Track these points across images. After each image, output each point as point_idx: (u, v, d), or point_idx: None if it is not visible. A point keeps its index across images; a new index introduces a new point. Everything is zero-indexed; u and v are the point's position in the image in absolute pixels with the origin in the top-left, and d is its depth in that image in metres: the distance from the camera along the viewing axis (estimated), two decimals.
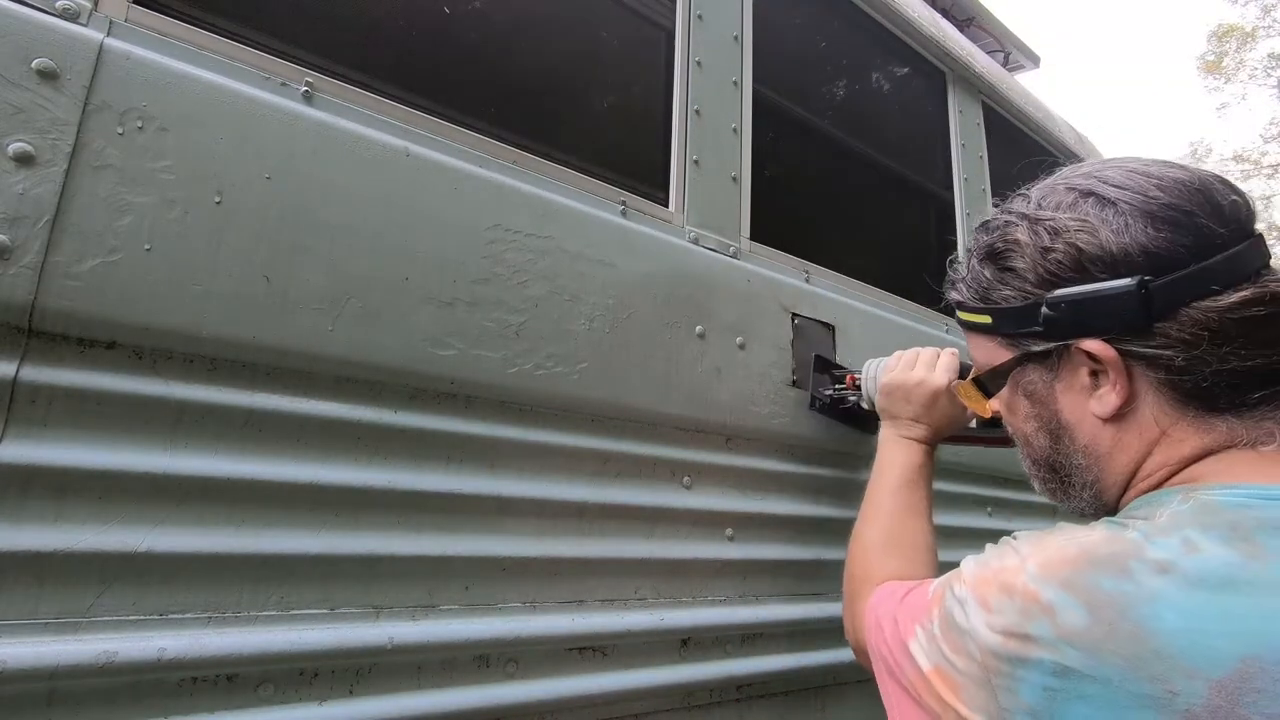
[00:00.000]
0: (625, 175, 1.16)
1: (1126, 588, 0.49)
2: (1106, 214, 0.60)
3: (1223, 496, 0.53)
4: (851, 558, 0.98)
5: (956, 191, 1.85)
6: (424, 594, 0.82)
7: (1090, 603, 0.49)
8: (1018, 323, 0.66)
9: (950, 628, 0.58)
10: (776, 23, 1.49)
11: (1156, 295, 0.57)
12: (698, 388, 1.11)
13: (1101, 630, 0.48)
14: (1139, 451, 0.62)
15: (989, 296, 0.69)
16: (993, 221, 0.71)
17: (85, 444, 0.65)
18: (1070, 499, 0.71)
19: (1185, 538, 0.50)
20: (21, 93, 0.64)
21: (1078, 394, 0.64)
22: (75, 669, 0.61)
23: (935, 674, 0.58)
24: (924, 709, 0.60)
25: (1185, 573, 0.48)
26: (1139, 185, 0.60)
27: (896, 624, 0.67)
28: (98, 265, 0.66)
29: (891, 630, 0.68)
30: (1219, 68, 16.59)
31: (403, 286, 0.84)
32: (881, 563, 0.91)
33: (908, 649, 0.63)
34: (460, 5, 1.07)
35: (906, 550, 0.93)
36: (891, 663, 0.67)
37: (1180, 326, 0.57)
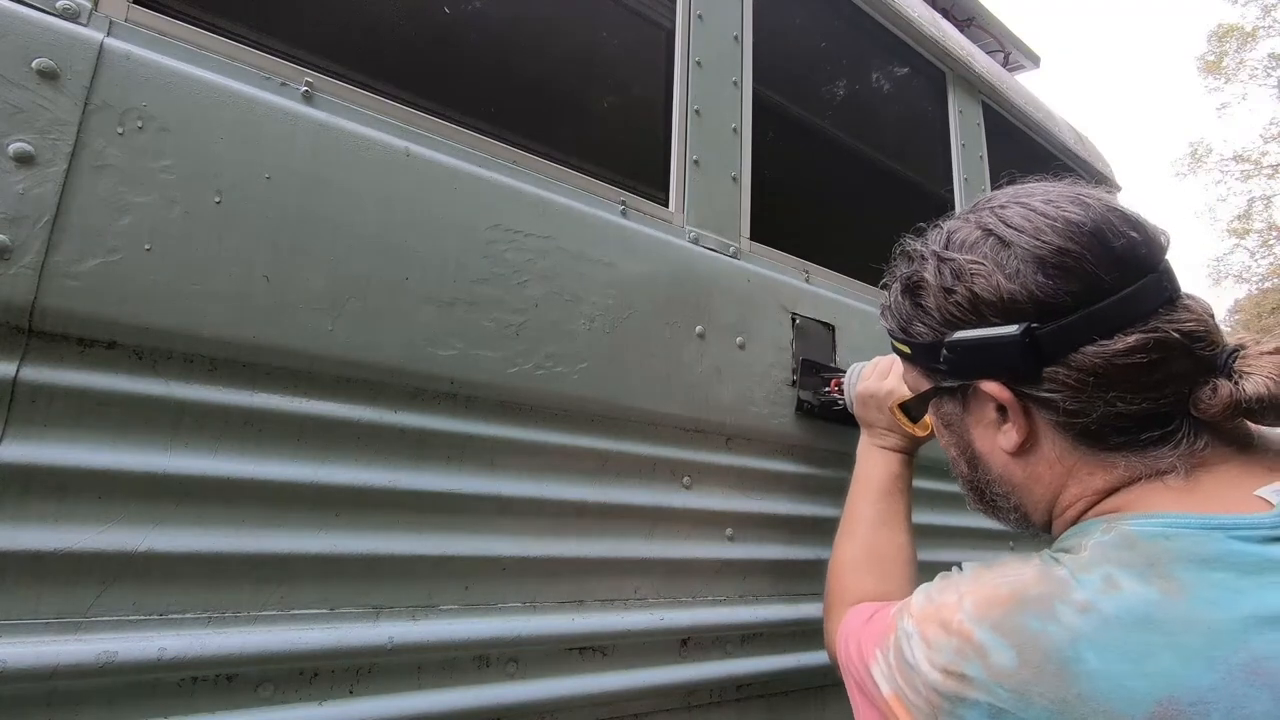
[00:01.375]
0: (625, 175, 1.16)
1: (1051, 629, 0.49)
2: (1002, 257, 0.61)
3: (1140, 527, 0.53)
4: (830, 573, 0.99)
5: (956, 191, 1.85)
6: (424, 594, 0.82)
7: (1019, 645, 0.50)
8: (928, 357, 0.68)
9: (900, 660, 0.59)
10: (776, 23, 1.49)
11: (1043, 342, 0.58)
12: (698, 388, 1.11)
13: (1029, 672, 0.48)
14: (1052, 483, 0.63)
15: (908, 329, 0.70)
16: (912, 251, 0.72)
17: (85, 444, 0.65)
18: (999, 519, 0.73)
19: (1106, 574, 0.50)
20: (21, 93, 0.64)
21: (986, 428, 0.66)
22: (75, 669, 0.61)
23: (894, 699, 0.60)
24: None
25: (1104, 613, 0.48)
26: (1034, 228, 0.60)
27: (860, 647, 0.69)
28: (98, 265, 0.66)
29: (857, 652, 0.70)
30: (1219, 68, 16.60)
31: (403, 286, 0.84)
32: (857, 581, 0.93)
33: (870, 672, 0.65)
34: (460, 5, 1.07)
35: (884, 565, 0.94)
36: (861, 680, 0.69)
37: (1069, 371, 0.57)
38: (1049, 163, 2.31)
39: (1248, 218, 16.96)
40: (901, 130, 1.83)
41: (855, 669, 0.70)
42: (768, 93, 1.43)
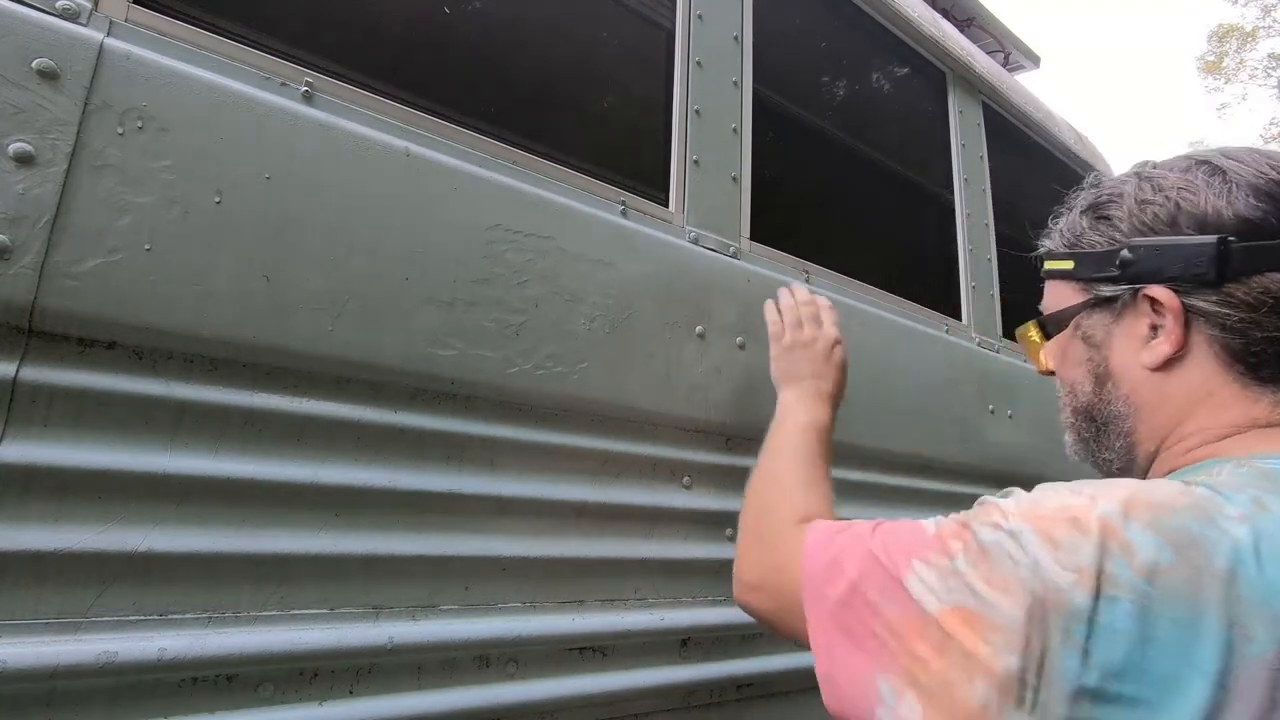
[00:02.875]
0: (625, 175, 1.16)
1: (1211, 533, 0.49)
2: (1214, 180, 0.63)
3: (1275, 465, 0.54)
4: (762, 494, 0.88)
5: (956, 191, 1.85)
6: (424, 594, 0.82)
7: (1176, 544, 0.48)
8: (1096, 267, 0.69)
9: (992, 561, 0.52)
10: (776, 23, 1.49)
11: (1235, 255, 0.60)
12: (698, 388, 1.11)
13: (1186, 572, 0.47)
14: (1182, 408, 0.63)
15: (1078, 242, 0.72)
16: (1104, 178, 0.74)
17: (85, 444, 0.65)
18: (1101, 450, 0.71)
19: (1254, 497, 0.51)
20: (21, 93, 0.64)
21: (1132, 342, 0.67)
22: (75, 669, 0.61)
23: (951, 614, 0.52)
24: (891, 656, 0.54)
25: (1259, 527, 0.49)
26: (1255, 161, 0.63)
27: (877, 560, 0.59)
28: (98, 265, 0.66)
29: (864, 568, 0.60)
30: (1219, 68, 16.59)
31: (403, 286, 0.84)
32: (807, 499, 0.82)
33: (904, 587, 0.56)
34: (460, 5, 1.07)
35: (829, 494, 0.85)
36: (851, 606, 0.60)
37: (1248, 290, 0.59)
38: (1049, 163, 2.31)
39: None
40: (901, 130, 1.83)
41: (840, 592, 0.61)
42: (768, 93, 1.43)
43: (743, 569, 0.83)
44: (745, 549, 0.85)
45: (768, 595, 0.76)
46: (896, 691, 0.53)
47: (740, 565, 0.84)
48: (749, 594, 0.80)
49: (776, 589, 0.74)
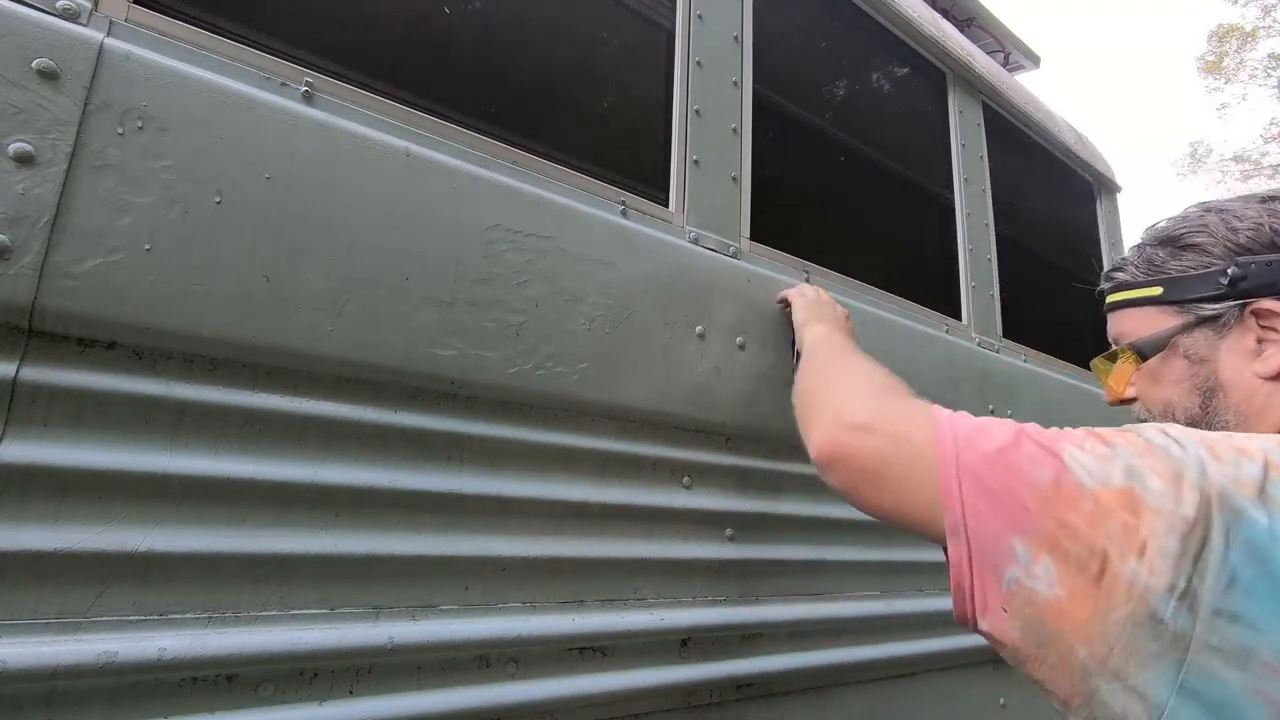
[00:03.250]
0: (625, 175, 1.16)
1: None
2: None
3: None
4: (850, 361, 0.89)
5: (956, 191, 1.85)
6: (424, 594, 0.82)
7: None
8: (1196, 288, 0.73)
9: (1160, 456, 0.55)
10: (776, 23, 1.49)
11: None
12: (698, 388, 1.11)
13: None
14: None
15: (1162, 270, 0.76)
16: (1170, 218, 0.79)
17: (85, 444, 0.65)
18: None
19: None
20: (21, 93, 0.64)
21: (1241, 355, 0.70)
22: (75, 669, 0.61)
23: (1111, 493, 0.54)
24: (1034, 520, 0.55)
25: None
26: None
27: (1027, 434, 0.60)
28: (98, 265, 0.66)
29: (1016, 437, 0.60)
30: (1219, 68, 16.59)
31: (403, 286, 0.84)
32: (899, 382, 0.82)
33: (1060, 458, 0.57)
34: (460, 5, 1.07)
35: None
36: (998, 466, 0.59)
37: None
38: (1049, 163, 2.31)
39: None
40: (902, 130, 1.83)
41: (986, 450, 0.60)
42: (768, 93, 1.43)
43: (847, 410, 0.74)
44: (849, 394, 0.78)
45: (880, 438, 0.69)
46: (1032, 554, 0.55)
47: (844, 409, 0.75)
48: (852, 435, 0.72)
49: (895, 434, 0.69)
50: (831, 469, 0.73)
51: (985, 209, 1.90)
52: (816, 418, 0.78)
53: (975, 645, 1.49)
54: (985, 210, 1.90)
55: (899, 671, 1.34)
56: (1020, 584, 0.55)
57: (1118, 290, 0.81)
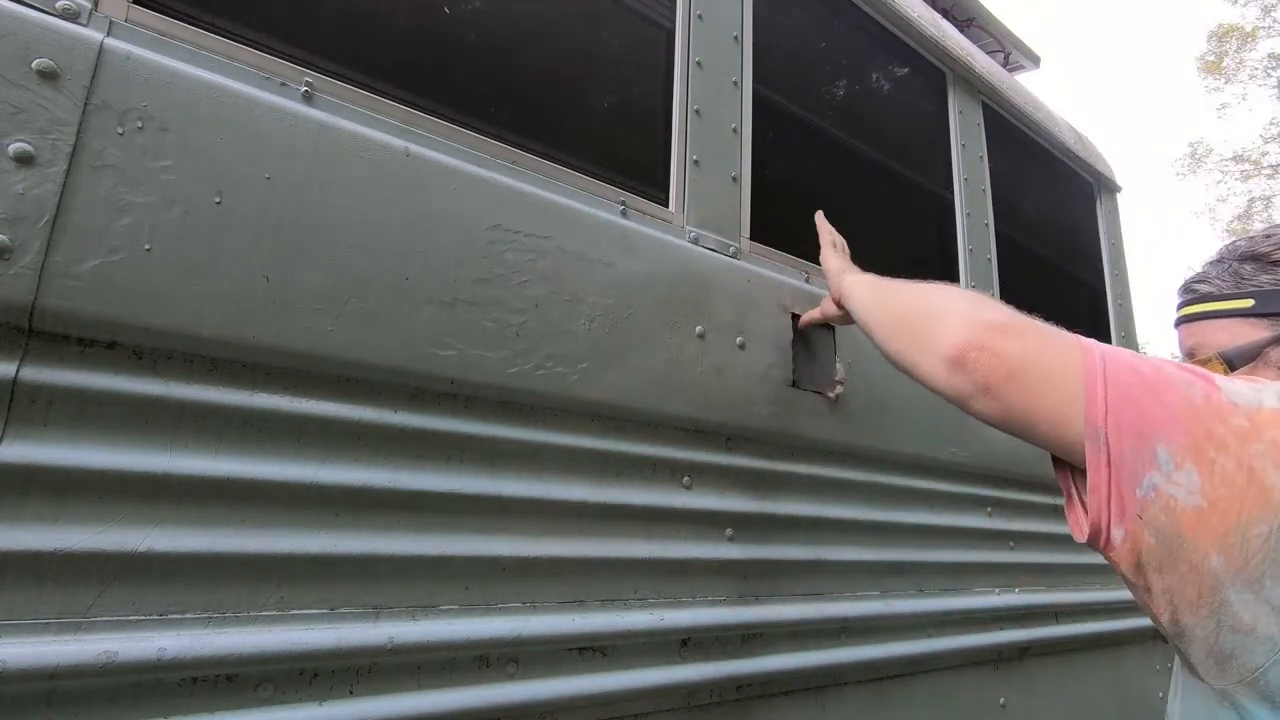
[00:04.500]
0: (625, 175, 1.16)
1: None
2: None
3: None
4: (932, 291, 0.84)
5: (956, 191, 1.85)
6: (424, 594, 0.82)
7: None
8: None
9: None
10: (776, 23, 1.49)
11: None
12: (698, 388, 1.11)
13: None
14: None
15: (1252, 282, 0.78)
16: (1249, 237, 0.82)
17: (85, 444, 0.65)
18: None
19: None
20: (21, 93, 0.64)
21: None
22: (75, 669, 0.61)
23: (1263, 414, 0.57)
24: (1180, 427, 0.57)
25: None
26: None
27: (1175, 362, 0.64)
28: (98, 265, 0.66)
29: (1165, 361, 0.64)
30: (1219, 68, 16.59)
31: (403, 286, 0.84)
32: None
33: (1212, 381, 0.60)
34: (460, 5, 1.07)
35: None
36: (1146, 377, 0.61)
37: None
38: (1049, 162, 2.31)
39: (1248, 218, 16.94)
40: (902, 130, 1.83)
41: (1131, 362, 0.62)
42: (768, 93, 1.43)
43: (988, 314, 0.72)
44: (973, 302, 0.76)
45: (1023, 339, 0.68)
46: (1175, 459, 0.56)
47: (981, 312, 0.73)
48: (994, 332, 0.69)
49: (1040, 337, 0.68)
50: (970, 365, 0.69)
51: (985, 209, 1.90)
52: (948, 322, 0.73)
53: (975, 645, 1.49)
54: (985, 210, 1.90)
55: (899, 671, 1.34)
56: (1159, 490, 0.56)
57: (1200, 301, 0.81)
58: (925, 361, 0.76)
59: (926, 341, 0.76)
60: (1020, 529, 1.69)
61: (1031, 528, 1.74)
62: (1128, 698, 1.96)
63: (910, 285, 0.90)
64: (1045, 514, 1.80)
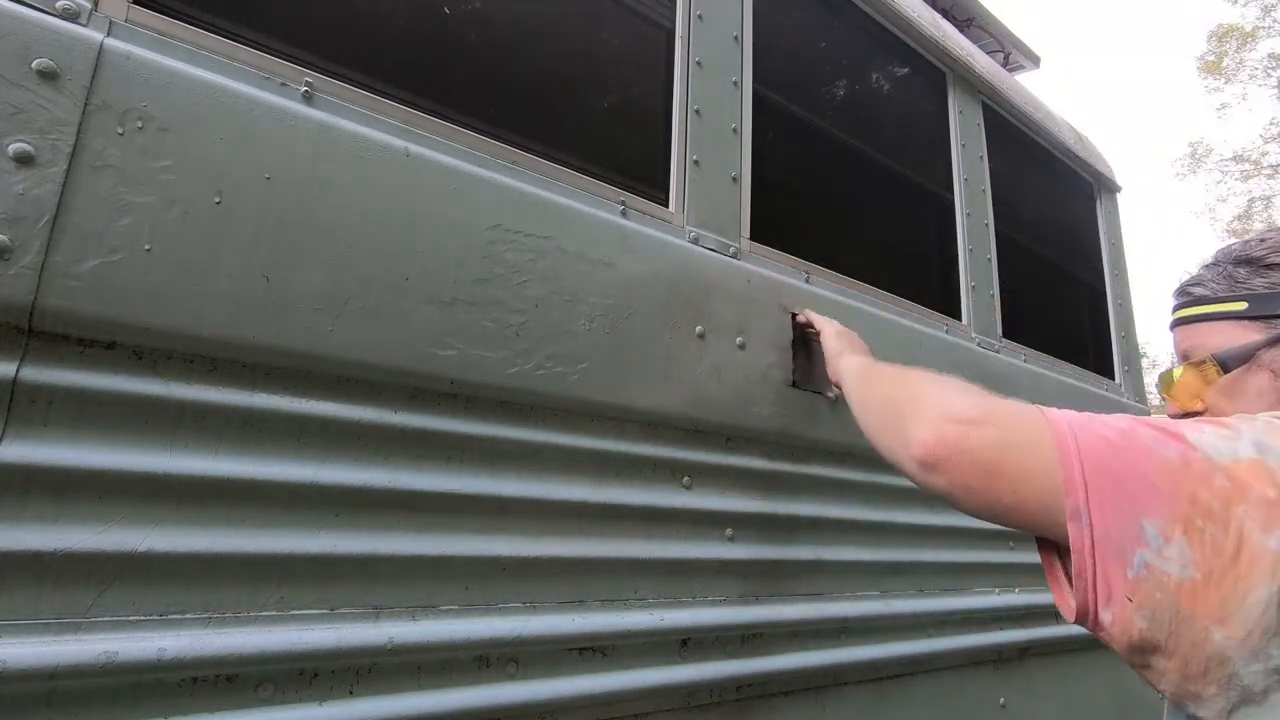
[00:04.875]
0: (625, 175, 1.16)
1: None
2: None
3: None
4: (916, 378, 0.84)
5: (956, 191, 1.85)
6: (424, 594, 0.82)
7: None
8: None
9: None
10: (776, 23, 1.49)
11: None
12: (698, 388, 1.11)
13: None
14: None
15: (1244, 283, 0.78)
16: (1243, 241, 0.81)
17: (85, 444, 0.65)
18: None
19: None
20: (21, 93, 0.64)
21: None
22: (75, 669, 0.61)
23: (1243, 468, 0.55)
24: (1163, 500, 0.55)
25: None
26: None
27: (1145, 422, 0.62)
28: (98, 265, 0.66)
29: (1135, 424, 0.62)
30: (1219, 68, 16.59)
31: (403, 286, 0.84)
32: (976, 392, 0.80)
33: (1185, 439, 0.58)
34: (460, 5, 1.07)
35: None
36: (1122, 451, 0.59)
37: None
38: (1049, 162, 2.31)
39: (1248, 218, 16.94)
40: (901, 130, 1.83)
41: (1106, 435, 0.61)
42: (768, 93, 1.43)
43: (958, 408, 0.72)
44: (946, 395, 0.76)
45: (994, 429, 0.67)
46: (1164, 534, 0.54)
47: (951, 406, 0.72)
48: (967, 428, 0.69)
49: (1010, 424, 0.67)
50: (942, 467, 0.68)
51: (985, 209, 1.90)
52: (915, 419, 0.73)
53: (975, 645, 1.49)
54: (985, 210, 1.90)
55: (899, 671, 1.34)
56: (1151, 567, 0.54)
57: (1195, 304, 0.81)
58: (904, 465, 0.74)
59: (901, 446, 0.75)
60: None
61: None
62: (1128, 698, 1.96)
63: (893, 375, 0.90)
64: None
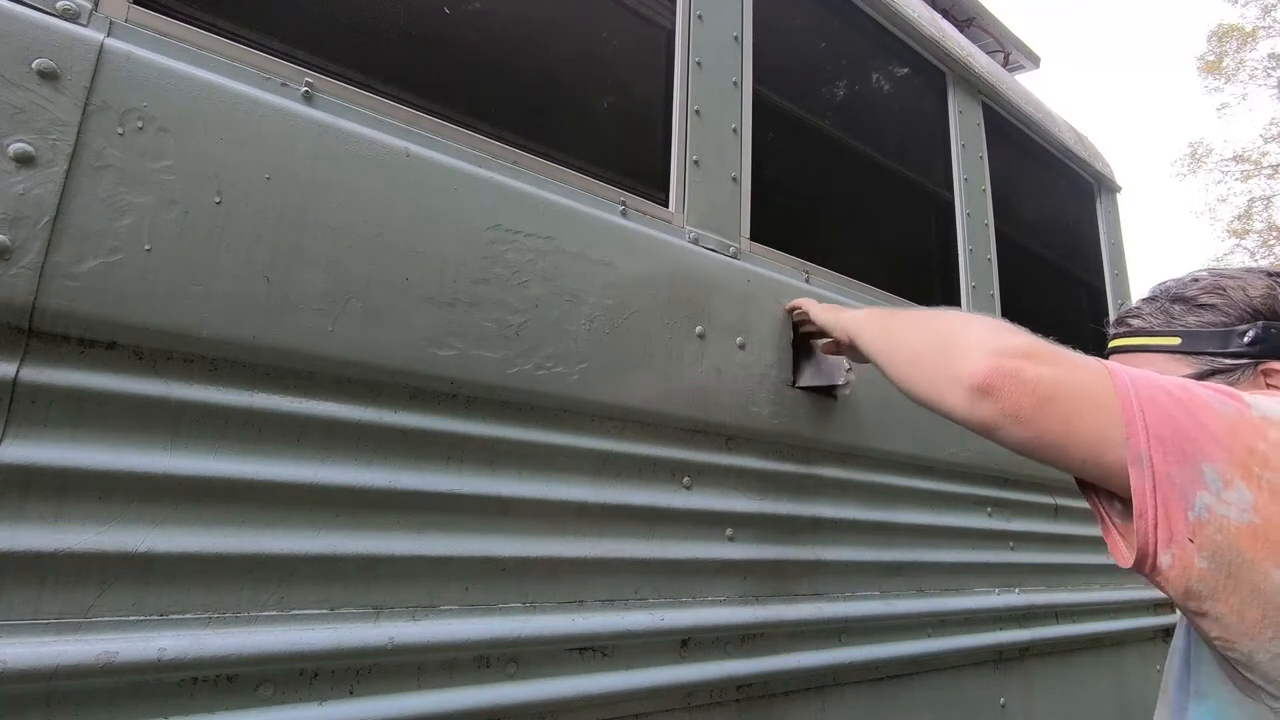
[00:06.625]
0: (625, 175, 1.16)
1: None
2: None
3: None
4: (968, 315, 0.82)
5: (956, 191, 1.85)
6: (424, 594, 0.82)
7: None
8: (1211, 343, 0.78)
9: None
10: (776, 23, 1.49)
11: None
12: (698, 388, 1.11)
13: None
14: None
15: (1177, 324, 0.81)
16: (1178, 279, 0.85)
17: (85, 444, 0.65)
18: None
19: None
20: (22, 93, 0.64)
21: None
22: (75, 669, 0.61)
23: None
24: (1222, 447, 0.57)
25: None
26: None
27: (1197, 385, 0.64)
28: (98, 265, 0.66)
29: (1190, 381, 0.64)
30: (1219, 68, 16.59)
31: (403, 286, 0.84)
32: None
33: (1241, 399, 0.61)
34: (460, 5, 1.07)
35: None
36: (1180, 400, 0.61)
37: None
38: (1049, 162, 2.31)
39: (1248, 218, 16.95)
40: (901, 130, 1.83)
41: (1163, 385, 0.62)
42: (768, 93, 1.43)
43: (1001, 340, 0.70)
44: (989, 328, 0.75)
45: (1049, 364, 0.66)
46: (1224, 478, 0.56)
47: (1003, 340, 0.71)
48: (1018, 360, 0.68)
49: (1069, 362, 0.67)
50: (996, 394, 0.67)
51: (985, 209, 1.90)
52: (967, 352, 0.71)
53: (975, 645, 1.49)
54: (985, 210, 1.90)
55: (899, 671, 1.34)
56: (1211, 511, 0.56)
57: (1132, 335, 0.84)
58: (949, 393, 0.73)
59: (948, 372, 0.74)
60: (1020, 529, 1.69)
61: (1031, 528, 1.74)
62: (1128, 698, 1.96)
63: (919, 314, 0.88)
64: (1045, 514, 1.80)
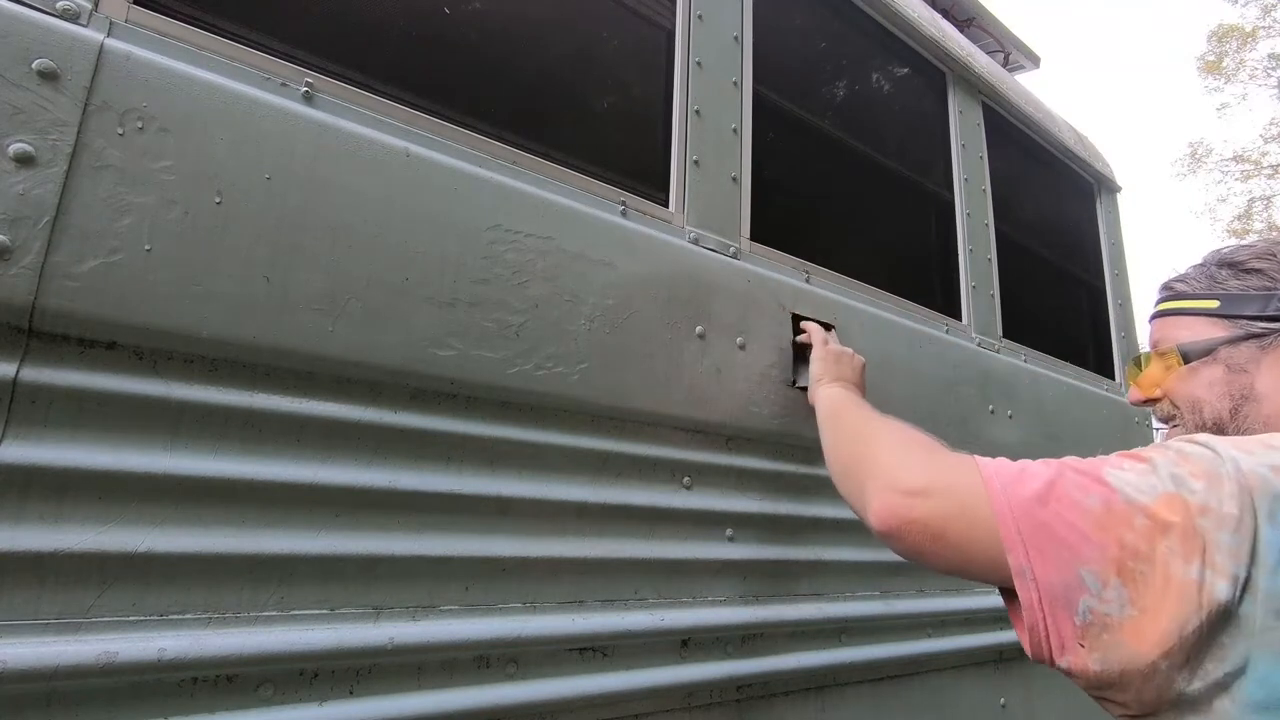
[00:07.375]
0: (625, 175, 1.16)
1: None
2: None
3: None
4: (878, 429, 0.88)
5: (956, 191, 1.85)
6: (424, 594, 0.82)
7: None
8: (1249, 307, 0.80)
9: (1195, 460, 0.60)
10: (776, 23, 1.49)
11: None
12: (698, 388, 1.11)
13: None
14: None
15: (1220, 287, 0.82)
16: (1233, 246, 0.86)
17: (85, 444, 0.65)
18: None
19: None
20: (22, 93, 0.64)
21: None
22: (75, 669, 0.61)
23: (1160, 503, 0.58)
24: (1094, 547, 0.58)
25: None
26: None
27: (1069, 466, 0.64)
28: (98, 266, 0.66)
29: (1059, 472, 0.64)
30: (1219, 68, 16.59)
31: (403, 287, 0.84)
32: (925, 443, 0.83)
33: (1105, 482, 0.61)
34: (460, 5, 1.07)
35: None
36: (1049, 503, 0.62)
37: None
38: (1049, 162, 2.31)
39: (1248, 218, 16.94)
40: (902, 130, 1.83)
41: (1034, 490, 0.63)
42: (768, 93, 1.43)
43: (901, 478, 0.75)
44: (895, 458, 0.79)
45: (939, 499, 0.71)
46: (1100, 578, 0.58)
47: (896, 475, 0.76)
48: (911, 500, 0.73)
49: (949, 492, 0.70)
50: (895, 537, 0.73)
51: (985, 209, 1.90)
52: (870, 487, 0.78)
53: (975, 645, 1.49)
54: (985, 210, 1.90)
55: (899, 671, 1.34)
56: (1095, 612, 0.58)
57: (1173, 299, 0.86)
58: (866, 520, 0.78)
59: (859, 502, 0.82)
60: None
61: None
62: None
63: (855, 427, 0.94)
64: None
